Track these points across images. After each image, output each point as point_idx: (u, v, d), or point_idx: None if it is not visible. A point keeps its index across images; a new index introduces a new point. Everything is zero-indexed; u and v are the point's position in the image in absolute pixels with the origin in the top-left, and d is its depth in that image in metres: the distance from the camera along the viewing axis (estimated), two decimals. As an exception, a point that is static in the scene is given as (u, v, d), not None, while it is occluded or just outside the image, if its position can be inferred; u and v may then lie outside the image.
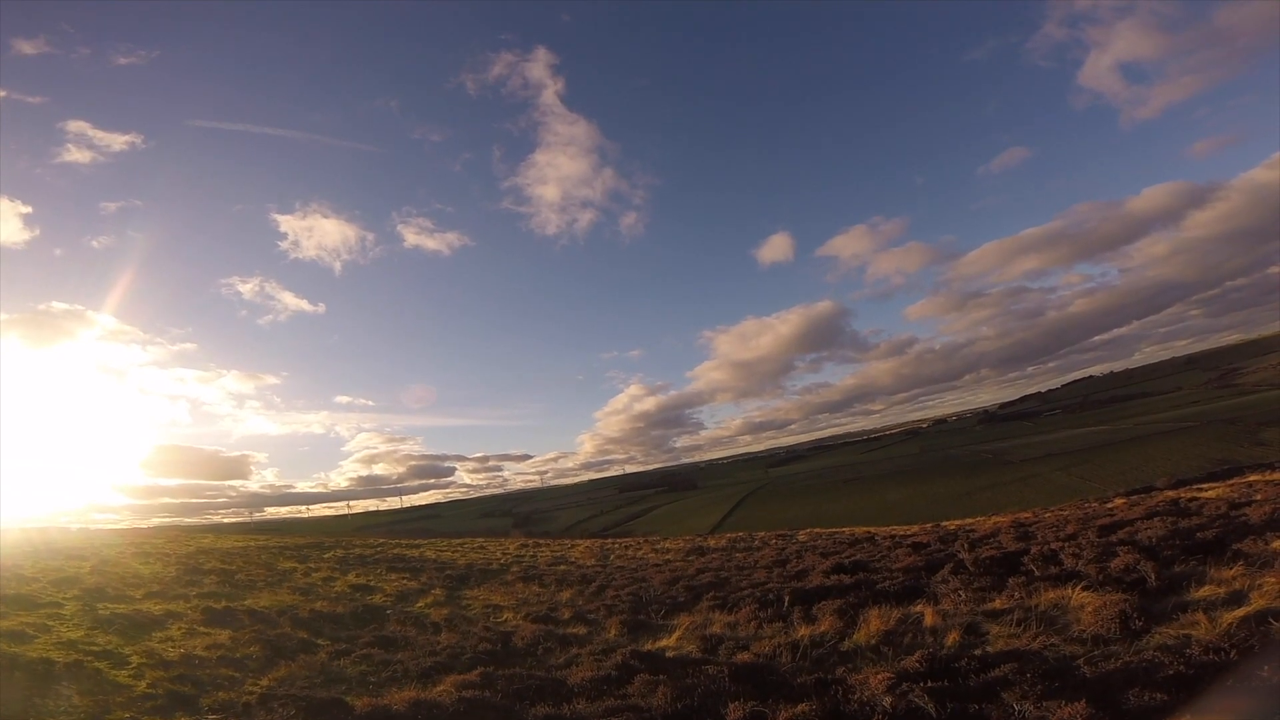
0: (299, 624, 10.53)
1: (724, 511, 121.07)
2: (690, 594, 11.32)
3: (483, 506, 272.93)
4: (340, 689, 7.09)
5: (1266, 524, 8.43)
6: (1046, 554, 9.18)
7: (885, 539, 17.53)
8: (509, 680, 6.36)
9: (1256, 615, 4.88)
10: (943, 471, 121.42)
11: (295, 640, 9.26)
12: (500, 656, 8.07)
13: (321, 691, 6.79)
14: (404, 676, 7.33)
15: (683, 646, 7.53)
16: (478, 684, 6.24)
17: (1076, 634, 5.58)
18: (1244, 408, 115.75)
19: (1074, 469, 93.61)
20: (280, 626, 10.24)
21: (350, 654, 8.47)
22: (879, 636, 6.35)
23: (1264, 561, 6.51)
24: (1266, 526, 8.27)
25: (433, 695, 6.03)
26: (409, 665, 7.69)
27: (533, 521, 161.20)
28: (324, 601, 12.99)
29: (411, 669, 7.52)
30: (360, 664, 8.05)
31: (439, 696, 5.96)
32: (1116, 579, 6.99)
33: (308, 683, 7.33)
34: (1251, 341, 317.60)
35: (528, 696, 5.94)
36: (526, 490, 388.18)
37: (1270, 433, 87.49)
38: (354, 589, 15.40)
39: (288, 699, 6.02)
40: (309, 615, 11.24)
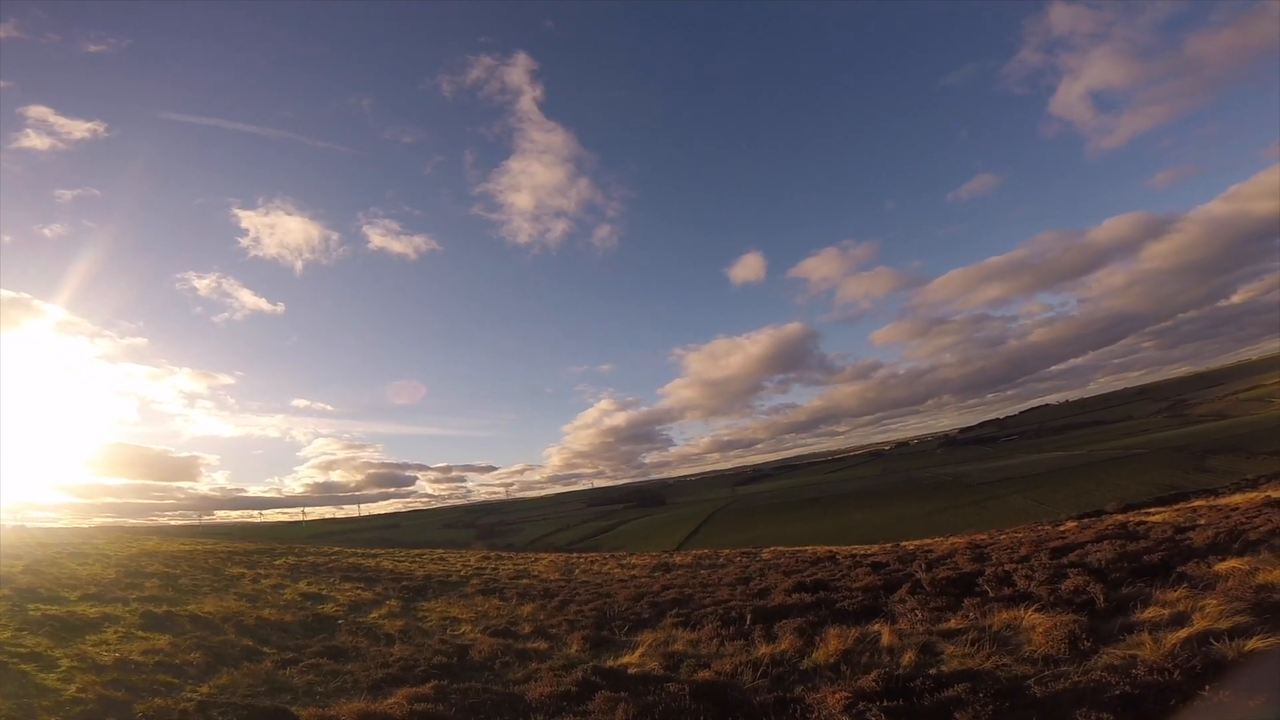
0: (244, 631, 10.13)
1: (691, 528, 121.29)
2: (655, 611, 11.26)
3: (445, 517, 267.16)
4: (285, 699, 6.83)
5: (1209, 548, 8.80)
6: (1001, 575, 9.40)
7: (846, 558, 17.74)
8: (464, 694, 6.21)
9: (1199, 636, 5.06)
10: (904, 493, 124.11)
11: (239, 648, 8.91)
12: (456, 670, 7.89)
13: (265, 701, 6.54)
14: (354, 688, 7.10)
15: (645, 663, 7.46)
16: (431, 697, 6.08)
17: (1028, 654, 5.70)
18: (1191, 437, 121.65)
19: (1029, 493, 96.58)
20: (224, 633, 9.84)
21: (298, 663, 8.17)
22: (838, 655, 6.40)
23: (1206, 584, 6.77)
24: (1209, 550, 8.64)
25: (383, 708, 5.86)
26: (359, 677, 7.45)
27: (497, 534, 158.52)
28: (272, 609, 12.53)
29: (362, 680, 7.29)
30: (308, 674, 7.77)
31: (390, 709, 5.79)
32: (1067, 600, 7.18)
33: (251, 691, 7.04)
34: (1200, 374, 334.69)
35: (483, 711, 5.81)
36: (491, 502, 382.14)
37: (1215, 460, 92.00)
38: (305, 598, 14.89)
39: (228, 707, 5.78)
40: (255, 623, 10.83)
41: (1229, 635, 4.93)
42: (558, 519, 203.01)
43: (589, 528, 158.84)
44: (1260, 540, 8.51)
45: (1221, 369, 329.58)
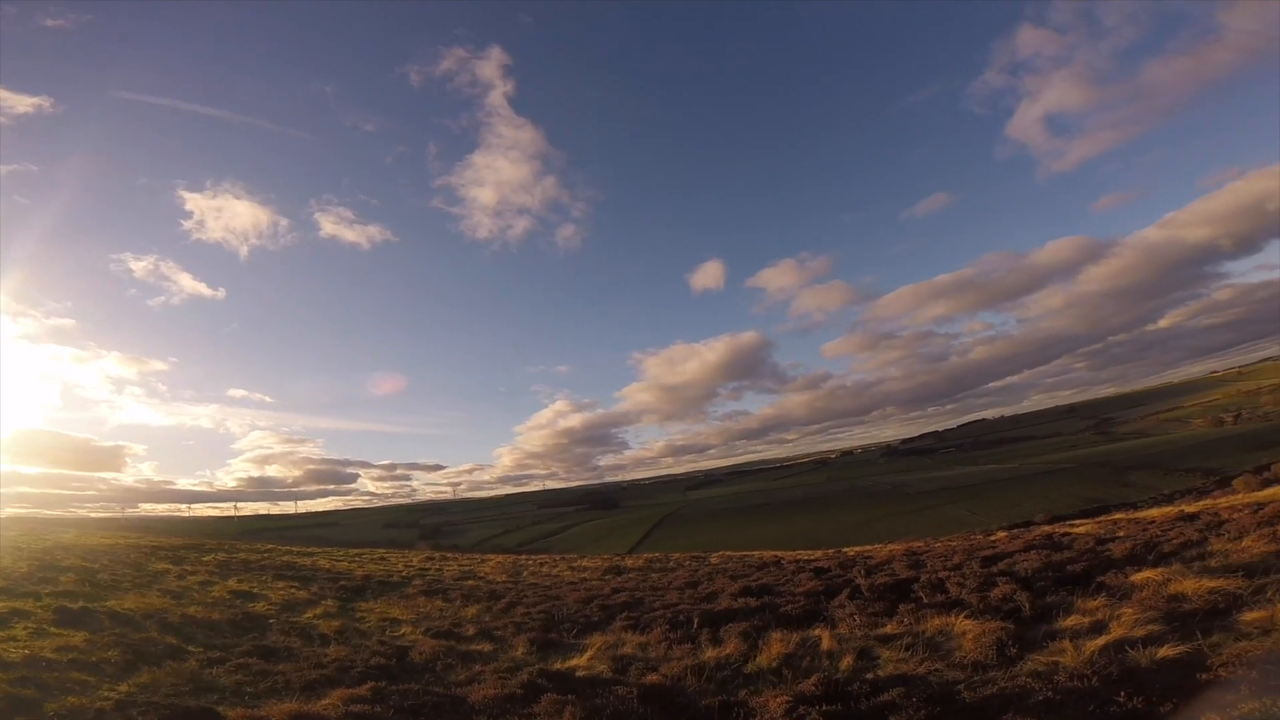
0: (168, 629, 9.60)
1: (643, 532, 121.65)
2: (604, 614, 11.23)
3: (387, 516, 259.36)
4: (211, 698, 6.50)
5: (1127, 559, 9.34)
6: (935, 582, 9.78)
7: (791, 564, 18.14)
8: (403, 696, 6.05)
9: (1115, 644, 5.38)
10: (847, 501, 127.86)
11: (162, 646, 8.42)
12: (395, 672, 7.67)
13: (190, 700, 6.19)
14: (285, 689, 6.80)
15: (594, 666, 7.44)
16: (368, 699, 5.89)
17: (959, 660, 5.94)
18: (1115, 453, 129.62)
19: (964, 503, 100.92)
20: (146, 631, 9.29)
21: (225, 663, 7.77)
22: (780, 659, 6.54)
23: (1123, 593, 7.19)
24: (1127, 561, 9.17)
25: (316, 709, 5.65)
26: (291, 677, 7.15)
27: (442, 534, 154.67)
28: (199, 607, 11.91)
29: (294, 681, 6.99)
30: (236, 674, 7.40)
31: (324, 711, 5.58)
32: (996, 607, 7.51)
33: (174, 691, 6.66)
34: (1126, 395, 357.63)
35: (423, 713, 5.68)
36: (437, 502, 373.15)
37: (1135, 476, 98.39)
38: (234, 595, 14.23)
39: (148, 707, 5.45)
40: (180, 620, 10.27)
41: (1143, 643, 5.26)
42: (507, 520, 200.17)
43: (539, 529, 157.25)
44: (1173, 552, 9.10)
45: (1145, 390, 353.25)
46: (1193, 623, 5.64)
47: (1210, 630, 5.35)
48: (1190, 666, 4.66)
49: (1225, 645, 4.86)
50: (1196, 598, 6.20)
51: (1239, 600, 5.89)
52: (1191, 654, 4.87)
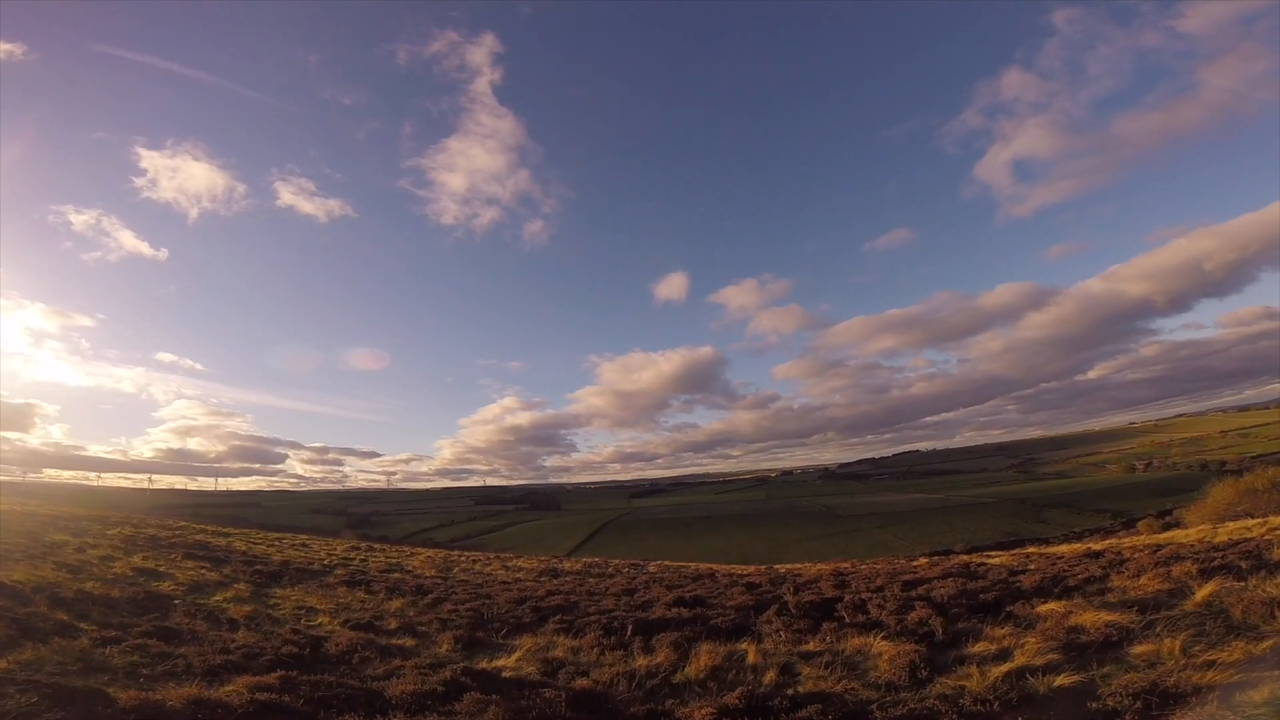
0: (59, 604, 8.94)
1: (584, 536, 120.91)
2: (537, 615, 11.10)
3: (314, 501, 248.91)
4: (102, 679, 6.10)
5: (1035, 590, 9.85)
6: (857, 603, 10.10)
7: (725, 577, 18.40)
8: (315, 686, 5.83)
9: (1017, 671, 5.68)
10: (783, 519, 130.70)
11: (51, 622, 7.86)
12: (308, 662, 7.39)
13: (78, 680, 5.80)
14: (185, 673, 6.45)
15: (522, 668, 7.35)
16: (276, 687, 5.65)
17: (874, 680, 6.14)
18: (1034, 492, 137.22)
19: (892, 528, 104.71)
20: (34, 605, 8.63)
21: (120, 643, 7.30)
22: (708, 671, 6.63)
23: (1029, 623, 7.58)
24: (1035, 592, 9.65)
25: (219, 695, 5.38)
26: (193, 661, 6.79)
27: (371, 524, 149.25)
28: (97, 583, 11.15)
29: (196, 666, 6.63)
30: (132, 655, 6.96)
31: (226, 697, 5.32)
32: (912, 630, 7.79)
33: (60, 669, 6.23)
34: (1051, 438, 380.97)
35: (335, 705, 5.48)
36: (369, 490, 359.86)
37: (1051, 513, 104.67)
38: (138, 573, 13.40)
39: (29, 685, 5.07)
40: (74, 596, 9.60)
41: (1042, 671, 5.57)
42: (441, 514, 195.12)
43: (476, 526, 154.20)
44: (1077, 586, 9.67)
45: (1069, 435, 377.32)
46: (1089, 653, 6.02)
47: (1104, 661, 5.72)
48: (1083, 695, 4.98)
49: (1115, 676, 5.21)
50: (1094, 630, 6.59)
51: (1131, 634, 6.33)
52: (1085, 683, 5.19)
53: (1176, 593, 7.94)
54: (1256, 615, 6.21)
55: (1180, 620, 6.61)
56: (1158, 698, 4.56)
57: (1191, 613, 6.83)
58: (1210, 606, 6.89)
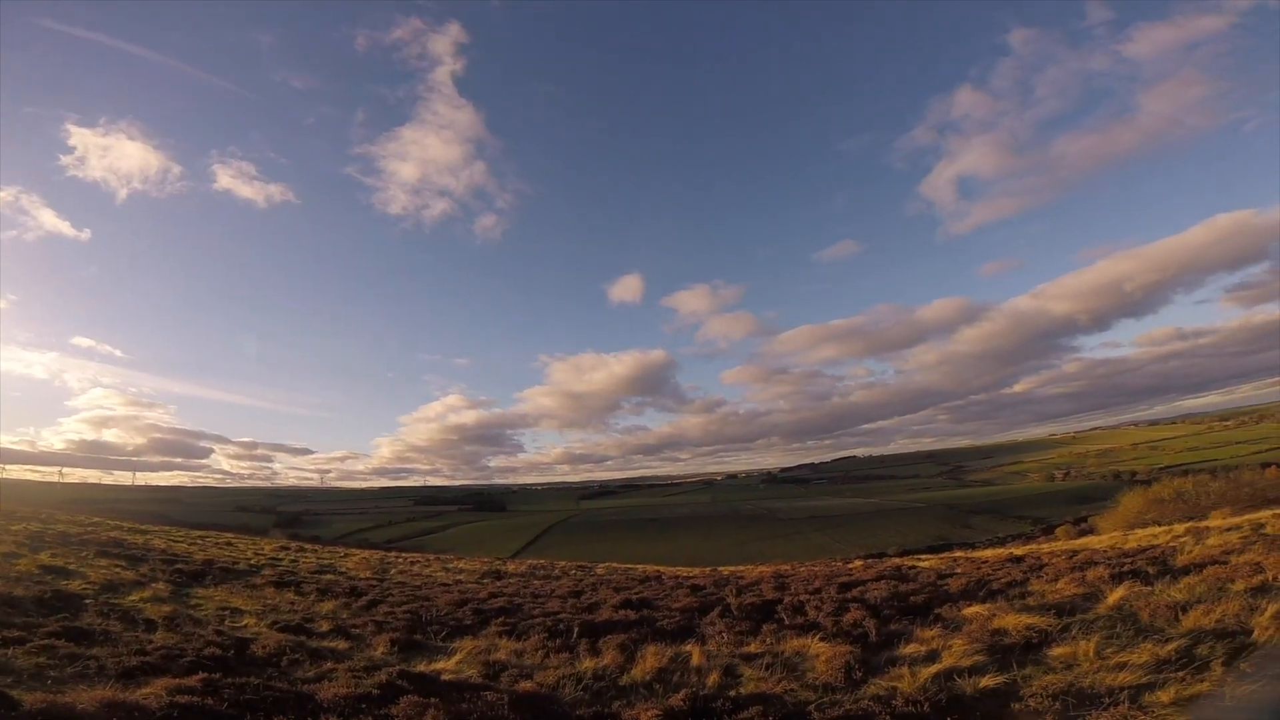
0: (-47, 608, 8.17)
1: (529, 538, 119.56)
2: (478, 618, 10.86)
3: (241, 499, 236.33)
4: (5, 681, 5.61)
5: (961, 593, 10.29)
6: (796, 605, 10.34)
7: (671, 579, 18.53)
8: (240, 689, 5.52)
9: (945, 672, 5.94)
10: (727, 521, 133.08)
11: (-57, 626, 7.16)
12: (232, 664, 6.99)
13: (-26, 686, 5.31)
14: (98, 675, 6.00)
15: (462, 670, 7.16)
16: (197, 690, 5.33)
17: (812, 681, 6.28)
18: (962, 498, 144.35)
19: (829, 531, 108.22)
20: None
21: (26, 644, 6.72)
22: (654, 673, 6.65)
23: (956, 625, 7.91)
24: (961, 595, 10.08)
25: (135, 698, 5.03)
26: (106, 663, 6.32)
27: (302, 524, 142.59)
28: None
29: (110, 667, 6.18)
30: (38, 656, 6.42)
31: (143, 700, 4.98)
32: (847, 632, 8.00)
33: (-48, 673, 5.69)
34: (978, 447, 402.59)
35: (262, 708, 5.20)
36: (301, 488, 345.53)
37: (977, 519, 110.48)
38: (46, 571, 12.37)
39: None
40: (-29, 598, 8.79)
41: (969, 672, 5.82)
42: (378, 514, 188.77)
43: (415, 527, 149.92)
44: (1000, 590, 10.15)
45: (995, 445, 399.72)
46: (1011, 655, 6.32)
47: (1025, 663, 6.04)
48: (1006, 696, 5.25)
49: (1035, 677, 5.50)
50: (1016, 632, 6.94)
51: (1049, 637, 6.71)
52: (1008, 684, 5.47)
53: (1090, 596, 8.44)
54: (1162, 619, 6.68)
55: (1094, 623, 7.04)
56: (1075, 698, 4.86)
57: (1104, 616, 7.29)
58: (1121, 610, 7.36)
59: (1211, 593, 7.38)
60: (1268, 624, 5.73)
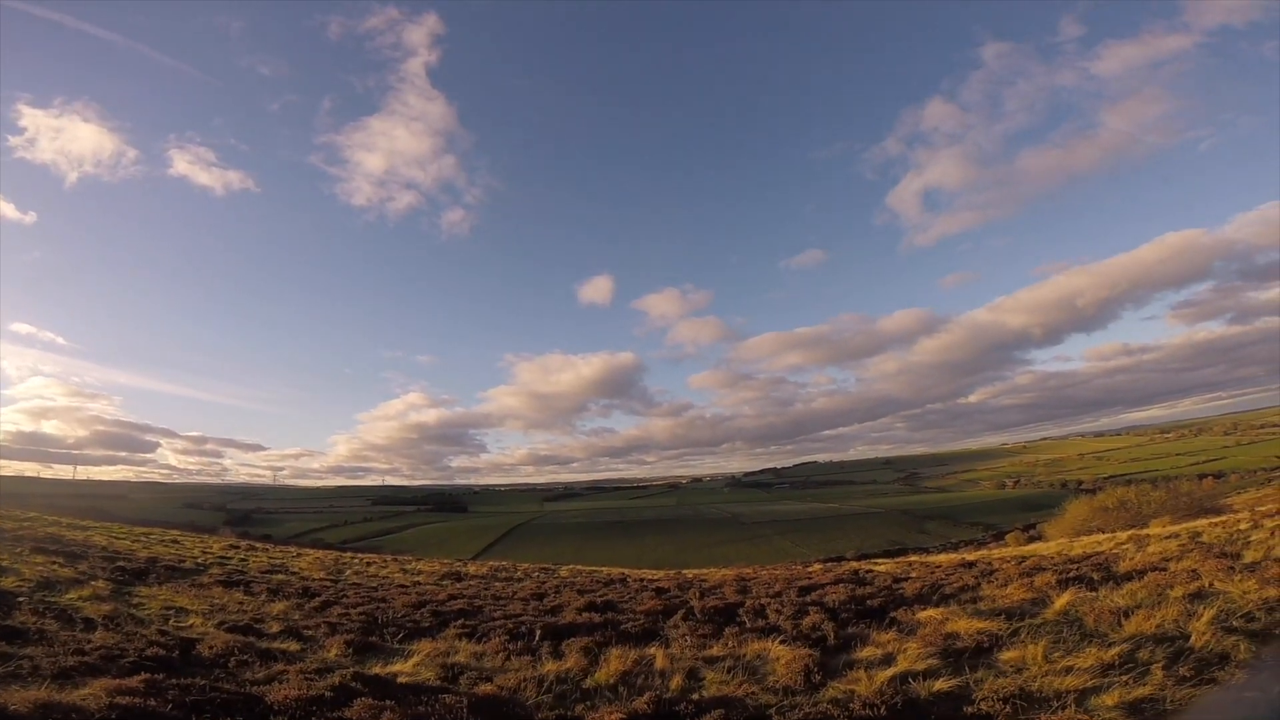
0: None
1: (491, 539, 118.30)
2: (437, 620, 10.65)
3: (189, 495, 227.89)
4: None
5: (916, 597, 10.53)
6: (757, 608, 10.43)
7: (636, 582, 18.51)
8: (184, 690, 5.29)
9: (900, 675, 6.05)
10: (693, 525, 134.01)
11: None
12: (177, 665, 6.70)
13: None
14: (32, 675, 5.67)
15: (419, 673, 7.00)
16: (139, 691, 5.09)
17: (772, 684, 6.32)
18: (917, 504, 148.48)
19: (790, 535, 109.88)
20: None
21: (-47, 643, 6.34)
22: (618, 676, 6.61)
23: (911, 629, 8.09)
24: (916, 599, 10.31)
25: (72, 699, 4.78)
26: (41, 663, 5.99)
27: (253, 522, 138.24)
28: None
29: (45, 667, 5.85)
30: (-34, 655, 6.06)
31: (81, 701, 4.74)
32: (806, 635, 8.09)
33: None
34: (933, 455, 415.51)
35: (209, 710, 4.99)
36: (252, 486, 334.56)
37: (931, 525, 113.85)
38: (-27, 568, 11.68)
39: None
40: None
41: (923, 676, 5.94)
42: (334, 514, 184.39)
43: (372, 527, 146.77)
44: (952, 594, 10.43)
45: (949, 453, 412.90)
46: (963, 659, 6.49)
47: (976, 666, 6.21)
48: (959, 699, 5.37)
49: (987, 681, 5.66)
50: (968, 636, 7.14)
51: (1000, 641, 6.92)
52: (961, 687, 5.60)
53: (1038, 601, 8.75)
54: (1106, 624, 6.97)
55: (1042, 628, 7.31)
56: (1025, 702, 5.01)
57: (1051, 621, 7.57)
58: (1067, 615, 7.66)
59: (1152, 598, 7.74)
60: (1204, 629, 6.02)
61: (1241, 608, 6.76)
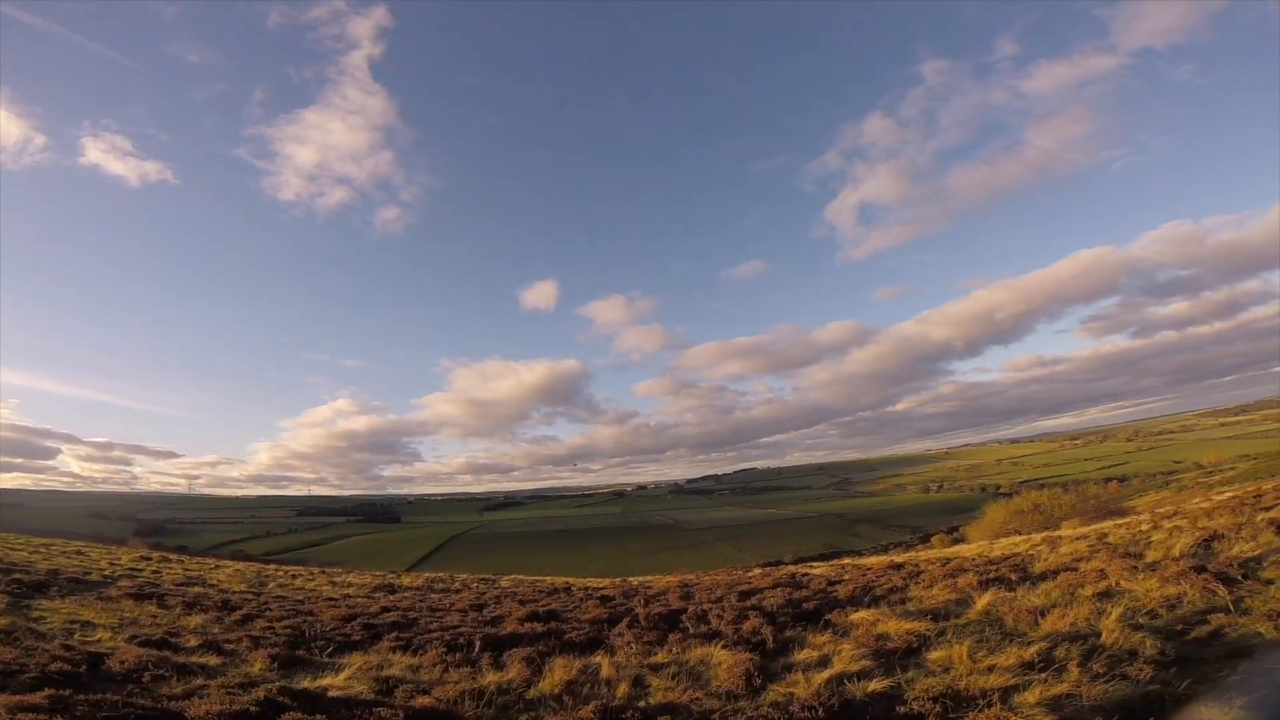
0: None
1: (427, 550, 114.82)
2: (369, 633, 10.22)
3: (94, 504, 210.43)
4: None
5: (849, 599, 10.86)
6: (700, 614, 10.53)
7: (580, 590, 18.36)
8: (95, 706, 4.94)
9: (836, 677, 6.21)
10: (636, 532, 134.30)
11: None
12: (85, 680, 6.23)
13: None
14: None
15: (352, 686, 6.69)
16: (44, 707, 4.73)
17: (715, 689, 6.37)
18: (849, 509, 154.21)
19: (732, 541, 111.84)
20: None
21: None
22: (563, 686, 6.53)
23: (844, 631, 8.33)
24: (849, 601, 10.63)
25: (-37, 719, 4.38)
26: (-70, 682, 5.43)
27: (166, 533, 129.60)
28: None
29: (-66, 686, 5.32)
30: None
31: (-21, 721, 4.35)
32: (747, 639, 8.21)
33: None
34: (864, 460, 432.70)
35: (123, 728, 4.66)
36: (165, 495, 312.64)
37: (862, 528, 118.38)
38: None
39: None
40: None
41: (858, 677, 6.12)
42: (255, 525, 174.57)
43: (297, 539, 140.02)
44: (883, 596, 10.82)
45: (878, 459, 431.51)
46: (894, 659, 6.72)
47: (907, 666, 6.45)
48: (892, 699, 5.56)
49: (917, 681, 5.89)
50: (898, 637, 7.40)
51: (928, 641, 7.22)
52: (893, 688, 5.80)
53: (962, 602, 9.19)
54: (1024, 623, 7.40)
55: (966, 628, 7.68)
56: (953, 700, 5.23)
57: (974, 621, 7.97)
58: (989, 615, 8.07)
59: (1065, 598, 8.27)
60: (1114, 627, 6.45)
61: (1145, 605, 7.29)
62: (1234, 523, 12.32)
